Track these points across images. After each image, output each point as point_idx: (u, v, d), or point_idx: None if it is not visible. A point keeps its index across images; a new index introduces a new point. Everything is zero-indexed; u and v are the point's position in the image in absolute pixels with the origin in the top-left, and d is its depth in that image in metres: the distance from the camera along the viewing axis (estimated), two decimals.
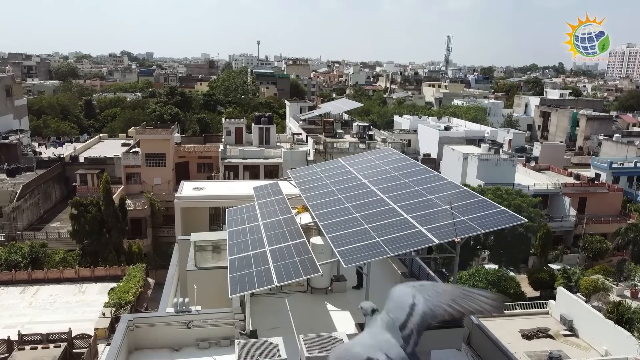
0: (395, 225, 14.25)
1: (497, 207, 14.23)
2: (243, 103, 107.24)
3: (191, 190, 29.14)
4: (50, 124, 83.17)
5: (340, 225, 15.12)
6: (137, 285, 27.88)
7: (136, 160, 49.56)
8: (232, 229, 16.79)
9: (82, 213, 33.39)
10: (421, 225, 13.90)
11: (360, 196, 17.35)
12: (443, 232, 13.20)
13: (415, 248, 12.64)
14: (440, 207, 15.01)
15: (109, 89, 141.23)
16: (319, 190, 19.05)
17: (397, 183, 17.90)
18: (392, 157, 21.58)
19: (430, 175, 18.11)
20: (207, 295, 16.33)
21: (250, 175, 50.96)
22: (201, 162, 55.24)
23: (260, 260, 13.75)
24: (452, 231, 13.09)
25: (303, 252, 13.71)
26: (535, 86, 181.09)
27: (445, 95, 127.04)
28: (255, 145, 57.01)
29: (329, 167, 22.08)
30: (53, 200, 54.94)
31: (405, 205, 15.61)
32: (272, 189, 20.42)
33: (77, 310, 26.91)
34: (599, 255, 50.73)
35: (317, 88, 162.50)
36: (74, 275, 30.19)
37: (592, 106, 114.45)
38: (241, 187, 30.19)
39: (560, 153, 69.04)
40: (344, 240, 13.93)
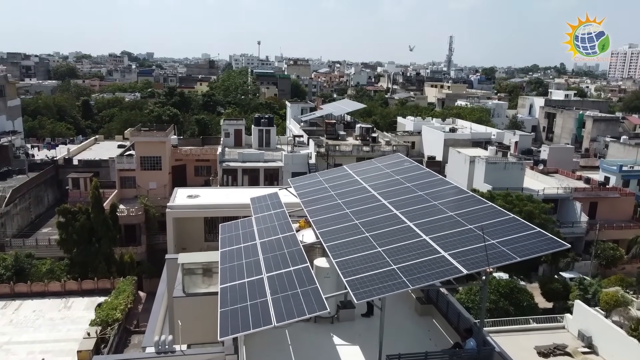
0: (413, 248, 12.30)
1: (532, 228, 12.28)
2: (243, 104, 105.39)
3: (185, 198, 27.24)
4: (45, 125, 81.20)
5: (348, 247, 13.18)
6: (127, 301, 25.90)
7: (131, 163, 47.60)
8: (225, 248, 14.84)
9: (70, 221, 31.45)
10: (444, 249, 11.95)
11: (370, 211, 15.42)
12: (471, 259, 11.25)
13: (439, 279, 10.71)
14: (464, 226, 13.07)
15: (108, 89, 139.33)
16: (323, 202, 17.11)
17: (411, 196, 15.95)
18: (403, 165, 19.63)
19: (448, 188, 16.16)
20: (197, 325, 14.39)
21: (249, 180, 49.03)
22: (199, 165, 53.31)
23: (257, 291, 11.81)
24: (481, 258, 11.15)
25: (306, 282, 11.78)
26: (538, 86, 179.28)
27: (448, 96, 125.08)
28: (255, 148, 55.07)
29: (333, 175, 20.15)
30: (45, 205, 52.99)
31: (423, 223, 13.67)
32: (271, 201, 18.48)
33: (61, 329, 24.94)
34: (611, 263, 48.76)
35: (318, 88, 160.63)
36: (60, 289, 28.21)
37: (597, 107, 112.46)
38: (239, 195, 28.26)
39: (569, 156, 67.03)
40: (353, 266, 11.99)
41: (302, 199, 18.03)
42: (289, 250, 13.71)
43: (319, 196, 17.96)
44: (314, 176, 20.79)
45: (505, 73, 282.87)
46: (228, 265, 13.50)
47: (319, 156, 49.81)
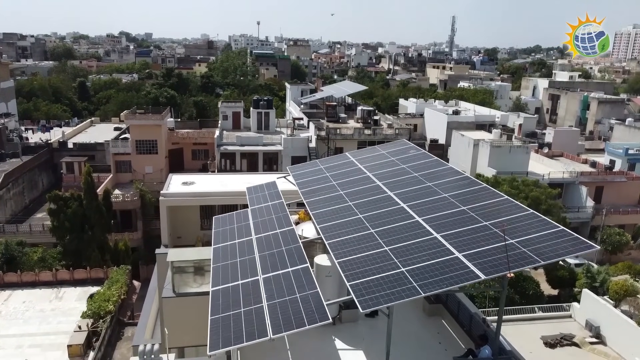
0: (424, 248, 11.20)
1: (554, 225, 11.17)
2: (242, 85, 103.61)
3: (180, 185, 26.04)
4: (40, 107, 79.70)
5: (352, 245, 12.08)
6: (120, 292, 25.04)
7: (126, 147, 46.39)
8: (218, 244, 13.75)
9: (62, 208, 30.36)
10: (458, 249, 10.84)
11: (375, 204, 14.29)
12: (489, 261, 10.14)
13: (454, 286, 9.62)
14: (479, 222, 11.95)
15: (105, 70, 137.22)
16: (324, 193, 15.97)
17: (419, 187, 14.81)
18: (409, 152, 18.45)
19: (459, 178, 15.01)
20: (188, 327, 13.38)
21: (248, 164, 47.88)
22: (196, 148, 52.12)
23: (252, 295, 10.74)
24: (500, 260, 10.05)
25: (306, 285, 10.70)
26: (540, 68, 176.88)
27: (450, 77, 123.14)
28: (254, 131, 53.79)
29: (335, 163, 18.97)
30: (40, 189, 51.95)
31: (433, 218, 12.55)
32: (268, 191, 17.34)
33: (51, 321, 24.07)
34: (617, 249, 47.90)
35: (318, 69, 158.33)
36: (51, 279, 27.33)
37: (602, 89, 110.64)
38: (237, 181, 27.08)
39: (574, 139, 65.75)
40: (358, 268, 10.90)
41: (302, 189, 16.89)
42: (287, 247, 12.62)
43: (320, 186, 16.81)
44: (314, 164, 19.61)
45: (507, 54, 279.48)
46: (221, 265, 12.42)
47: (319, 140, 48.54)
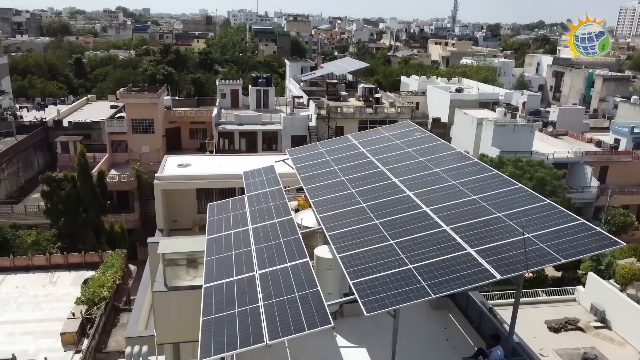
0: (433, 242, 10.39)
1: (573, 218, 10.34)
2: (241, 62, 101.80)
3: (175, 167, 25.22)
4: (36, 84, 78.23)
5: (354, 237, 11.28)
6: (115, 277, 24.38)
7: (121, 126, 45.32)
8: (212, 235, 12.95)
9: (55, 190, 29.54)
10: (469, 244, 10.03)
11: (379, 191, 13.45)
12: (503, 258, 9.34)
13: (466, 287, 8.84)
14: (491, 213, 11.12)
15: (102, 46, 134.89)
16: (324, 179, 15.12)
17: (426, 174, 13.95)
18: (414, 135, 17.54)
19: (468, 164, 14.13)
20: (181, 323, 12.66)
21: (246, 143, 46.91)
22: (194, 127, 51.02)
23: (247, 293, 9.96)
24: (516, 258, 9.25)
25: (306, 283, 9.92)
26: (544, 44, 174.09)
27: (453, 53, 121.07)
28: (253, 109, 52.66)
29: (336, 146, 18.08)
30: (35, 169, 51.06)
31: (441, 209, 11.72)
32: (266, 176, 16.48)
33: (44, 307, 23.46)
34: (622, 230, 47.21)
35: (318, 46, 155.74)
36: (45, 263, 26.65)
37: (607, 66, 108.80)
38: (234, 163, 26.20)
39: (579, 117, 64.57)
40: (361, 264, 10.11)
41: (301, 174, 16.03)
42: (286, 239, 11.81)
43: (320, 171, 15.96)
44: (315, 147, 18.72)
45: (510, 30, 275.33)
46: (215, 258, 11.63)
47: (319, 118, 47.47)
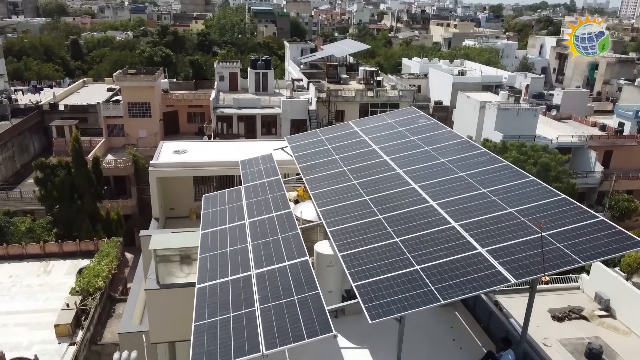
0: (441, 240, 9.74)
1: (592, 215, 9.68)
2: (240, 43, 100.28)
3: (171, 154, 24.48)
4: (31, 66, 77.01)
5: (357, 233, 10.63)
6: (110, 266, 23.83)
7: (117, 110, 44.46)
8: (207, 230, 12.31)
9: (49, 176, 28.87)
10: (480, 242, 9.38)
11: (383, 183, 12.77)
12: (517, 260, 8.70)
13: (478, 292, 8.22)
14: (503, 208, 10.45)
15: (99, 27, 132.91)
16: (325, 169, 14.43)
17: (431, 164, 13.25)
18: (418, 121, 16.80)
19: (476, 154, 13.42)
20: (175, 321, 12.09)
21: (245, 127, 46.12)
22: (192, 111, 50.15)
23: (243, 296, 9.34)
24: (530, 259, 8.61)
25: (305, 285, 9.30)
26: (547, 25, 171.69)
27: (455, 35, 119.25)
28: (251, 93, 51.74)
29: (337, 133, 17.35)
30: (31, 153, 50.32)
31: (449, 203, 11.04)
32: (264, 166, 15.78)
33: (39, 297, 22.96)
34: (625, 215, 46.67)
35: (318, 27, 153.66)
36: (39, 251, 26.09)
37: (611, 48, 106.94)
38: (232, 149, 25.50)
39: (583, 101, 63.56)
40: (365, 264, 9.48)
41: (301, 163, 15.33)
42: (284, 235, 11.16)
43: (320, 160, 15.26)
44: (315, 134, 17.98)
45: (513, 11, 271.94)
46: (209, 255, 11.00)
47: (319, 102, 46.59)
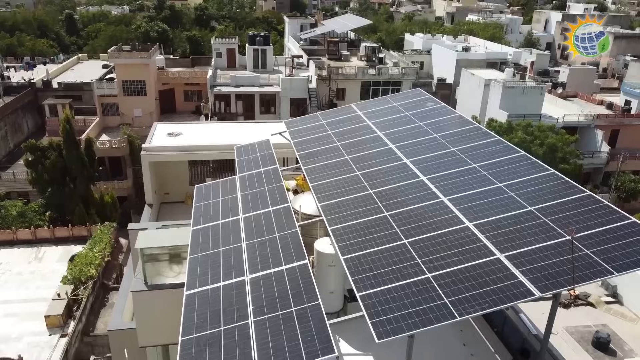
0: (454, 242, 8.81)
1: (624, 216, 8.73)
2: (238, 18, 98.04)
3: (165, 137, 23.43)
4: (25, 42, 75.22)
5: (361, 232, 9.70)
6: (103, 254, 23.04)
7: (112, 88, 43.15)
8: (198, 226, 11.37)
9: (40, 159, 27.87)
10: (499, 247, 8.45)
11: (389, 175, 11.79)
12: (541, 268, 7.78)
13: (499, 306, 7.32)
14: (522, 206, 9.50)
15: (94, 1, 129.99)
16: (326, 158, 13.45)
17: (441, 154, 12.25)
18: (425, 105, 15.72)
19: (489, 142, 12.41)
20: (165, 324, 11.25)
21: (243, 106, 44.88)
22: (188, 89, 48.83)
23: (236, 306, 8.45)
24: (556, 268, 7.68)
25: (304, 293, 8.40)
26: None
27: (458, 9, 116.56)
28: (250, 70, 50.32)
29: (339, 118, 16.29)
30: (25, 132, 49.20)
31: (462, 199, 10.08)
32: (260, 153, 14.78)
33: (29, 285, 22.21)
34: (631, 196, 45.79)
35: (318, 1, 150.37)
36: (31, 237, 25.27)
37: (618, 22, 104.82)
38: (229, 132, 24.45)
39: (590, 78, 61.90)
40: (370, 270, 8.56)
41: (300, 151, 14.33)
42: (282, 234, 10.23)
43: (321, 147, 14.25)
44: (315, 118, 16.92)
45: None
46: (200, 256, 10.09)
47: (320, 80, 45.25)
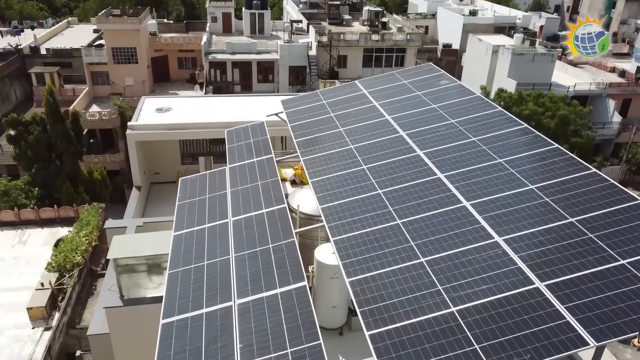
0: (482, 264, 7.34)
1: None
2: None
3: (153, 112, 21.77)
4: (12, 4, 72.14)
5: (370, 245, 8.24)
6: (90, 238, 21.69)
7: (101, 56, 40.99)
8: (181, 231, 9.88)
9: (22, 134, 26.23)
10: (538, 274, 6.98)
11: (401, 170, 10.25)
12: (593, 304, 6.33)
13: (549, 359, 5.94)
14: (562, 217, 7.99)
15: None
16: (327, 147, 11.88)
17: (460, 145, 10.68)
18: (439, 84, 14.03)
19: (516, 131, 10.80)
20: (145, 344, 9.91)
21: (240, 74, 42.86)
22: (182, 56, 46.60)
23: (219, 342, 7.03)
24: (612, 304, 6.25)
25: (303, 328, 6.98)
26: None
27: None
28: (247, 35, 47.97)
29: (343, 97, 14.61)
30: (13, 102, 47.26)
31: (487, 205, 8.57)
32: (254, 139, 13.18)
33: (12, 272, 20.94)
34: None
35: None
36: (14, 218, 23.87)
37: None
38: (224, 106, 22.74)
39: None
40: (382, 298, 7.13)
41: (298, 137, 12.73)
42: (276, 245, 8.75)
43: (322, 134, 12.65)
44: (315, 97, 15.21)
45: None
46: (180, 272, 8.64)
47: (320, 46, 43.06)
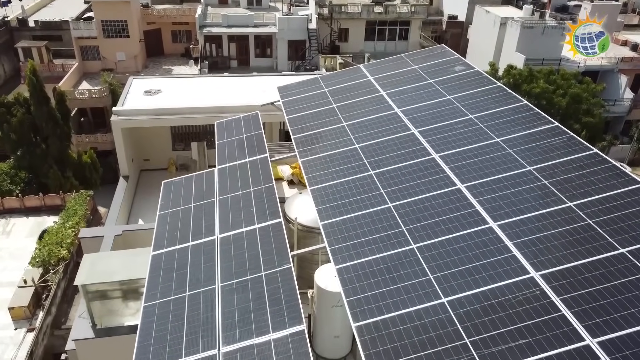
0: (519, 311, 6.08)
1: None
2: None
3: (141, 95, 20.24)
4: None
5: (380, 276, 6.98)
6: (77, 228, 20.43)
7: (90, 29, 39.05)
8: (161, 250, 8.60)
9: (4, 116, 24.73)
10: (584, 325, 5.74)
11: (414, 178, 8.92)
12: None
13: None
14: (616, 248, 6.70)
15: None
16: (329, 147, 10.52)
17: (481, 146, 9.32)
18: (454, 70, 12.57)
19: (545, 130, 9.43)
20: None
21: (237, 49, 41.01)
22: (176, 29, 44.55)
23: None
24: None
25: None
26: None
27: None
28: (244, 7, 45.84)
29: (346, 84, 13.17)
30: (1, 77, 45.60)
31: (518, 227, 7.28)
32: (247, 134, 11.79)
33: None
34: None
35: None
36: None
37: None
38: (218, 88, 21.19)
39: (613, 15, 56.88)
40: (397, 353, 5.90)
41: (296, 132, 11.34)
42: (270, 273, 7.49)
43: (324, 129, 11.26)
44: (316, 83, 13.73)
45: None
46: (157, 305, 7.39)
47: (320, 19, 41.11)
